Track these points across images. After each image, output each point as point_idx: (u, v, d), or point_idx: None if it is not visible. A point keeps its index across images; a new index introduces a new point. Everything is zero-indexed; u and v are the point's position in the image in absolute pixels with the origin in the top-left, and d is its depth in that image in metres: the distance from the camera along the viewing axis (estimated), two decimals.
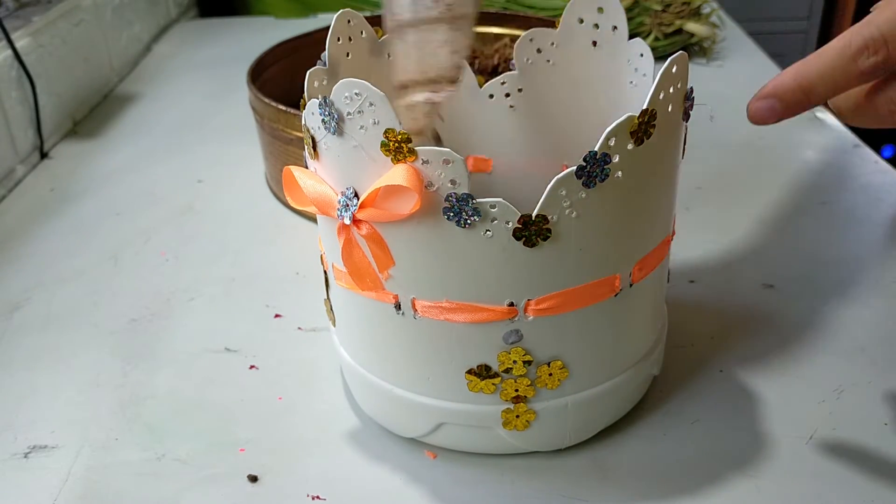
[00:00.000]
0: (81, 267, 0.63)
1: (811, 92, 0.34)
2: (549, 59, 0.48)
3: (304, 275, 0.60)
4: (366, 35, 0.45)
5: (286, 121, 0.64)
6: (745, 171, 0.72)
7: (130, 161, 0.80)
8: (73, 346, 0.54)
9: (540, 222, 0.35)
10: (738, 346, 0.50)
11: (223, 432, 0.46)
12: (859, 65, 0.32)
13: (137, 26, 1.09)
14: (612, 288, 0.38)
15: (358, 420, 0.47)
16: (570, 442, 0.43)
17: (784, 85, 0.35)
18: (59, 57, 0.86)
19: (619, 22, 0.45)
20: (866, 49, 0.32)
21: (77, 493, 0.43)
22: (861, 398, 0.46)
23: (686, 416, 0.45)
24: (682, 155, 0.41)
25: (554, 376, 0.39)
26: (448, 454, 0.44)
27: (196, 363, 0.52)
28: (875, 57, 0.32)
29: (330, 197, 0.37)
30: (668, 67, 0.35)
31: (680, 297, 0.55)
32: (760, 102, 0.35)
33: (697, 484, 0.41)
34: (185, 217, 0.69)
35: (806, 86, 0.34)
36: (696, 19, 0.95)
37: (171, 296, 0.59)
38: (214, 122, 0.88)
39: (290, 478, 0.43)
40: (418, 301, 0.38)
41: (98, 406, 0.49)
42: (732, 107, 0.83)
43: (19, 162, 0.77)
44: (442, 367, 0.40)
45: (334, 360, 0.50)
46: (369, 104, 0.34)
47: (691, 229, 0.62)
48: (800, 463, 0.42)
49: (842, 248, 0.60)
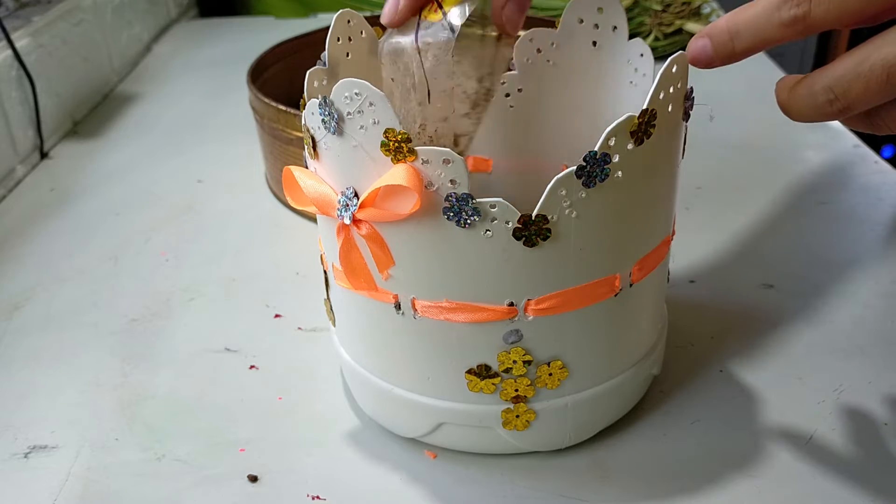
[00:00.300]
0: (81, 267, 0.63)
1: (736, 36, 0.34)
2: (549, 59, 0.48)
3: (304, 275, 0.60)
4: (366, 35, 0.45)
5: (286, 121, 0.64)
6: (745, 171, 0.72)
7: (130, 161, 0.80)
8: (73, 346, 0.54)
9: (540, 222, 0.35)
10: (738, 346, 0.50)
11: (223, 432, 0.46)
12: (781, 14, 0.32)
13: (137, 26, 1.09)
14: (612, 288, 0.38)
15: (358, 420, 0.47)
16: (570, 442, 0.43)
17: (716, 27, 0.35)
18: (59, 57, 0.86)
19: (619, 22, 0.45)
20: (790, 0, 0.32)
21: (77, 493, 0.43)
22: (861, 398, 0.46)
23: (686, 416, 0.45)
24: (682, 155, 0.41)
25: (554, 376, 0.39)
26: (448, 454, 0.44)
27: (196, 363, 0.52)
28: (796, 9, 0.32)
29: (330, 197, 0.37)
30: (668, 67, 0.35)
31: (680, 297, 0.55)
32: (695, 42, 0.35)
33: (697, 484, 0.41)
34: (185, 217, 0.69)
35: (733, 29, 0.34)
36: (696, 19, 0.95)
37: (171, 296, 0.59)
38: (214, 122, 0.88)
39: (290, 478, 0.43)
40: (418, 301, 0.38)
41: (98, 406, 0.49)
42: (732, 107, 0.83)
43: (19, 162, 0.77)
44: (442, 367, 0.40)
45: (334, 360, 0.50)
46: (369, 104, 0.34)
47: (691, 229, 0.62)
48: (800, 463, 0.42)
49: (842, 248, 0.60)
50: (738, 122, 0.80)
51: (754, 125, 0.80)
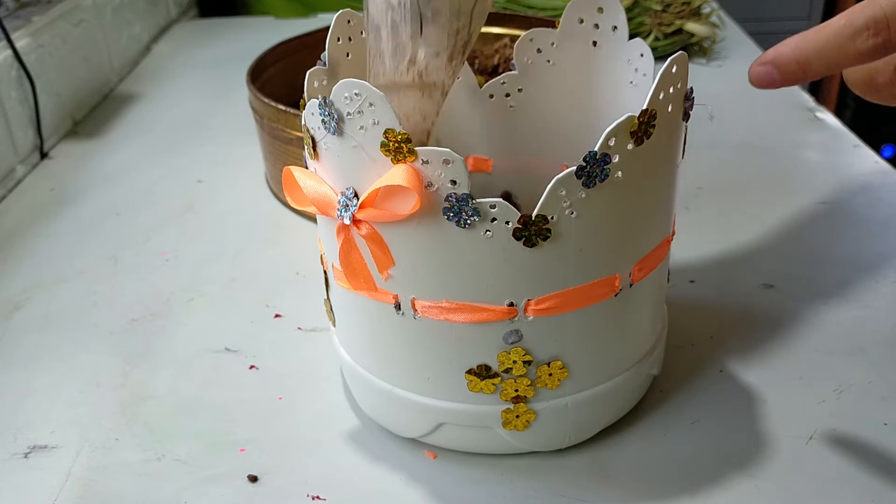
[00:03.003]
0: (81, 267, 0.63)
1: (807, 67, 0.33)
2: (549, 59, 0.48)
3: (304, 275, 0.60)
4: (366, 35, 0.45)
5: (286, 121, 0.64)
6: (745, 171, 0.72)
7: (130, 161, 0.80)
8: (73, 346, 0.54)
9: (540, 222, 0.35)
10: (738, 346, 0.50)
11: (223, 432, 0.46)
12: (858, 45, 0.32)
13: (137, 26, 1.09)
14: (612, 288, 0.38)
15: (358, 420, 0.47)
16: (570, 442, 0.43)
17: (783, 56, 0.34)
18: (59, 57, 0.86)
19: (619, 22, 0.45)
20: (867, 30, 0.31)
21: (77, 493, 0.43)
22: (861, 398, 0.46)
23: (686, 416, 0.45)
24: (682, 155, 0.41)
25: (554, 376, 0.39)
26: (448, 454, 0.44)
27: (196, 363, 0.52)
28: (875, 39, 0.31)
29: (330, 197, 0.37)
30: (667, 67, 0.35)
31: (680, 297, 0.55)
32: (760, 68, 0.35)
33: (697, 484, 0.41)
34: (185, 217, 0.69)
35: (802, 60, 0.33)
36: (696, 19, 0.95)
37: (171, 296, 0.59)
38: (214, 122, 0.88)
39: (290, 478, 0.43)
40: (418, 301, 0.38)
41: (98, 406, 0.49)
42: (732, 107, 0.83)
43: (19, 162, 0.77)
44: (442, 367, 0.40)
45: (334, 360, 0.50)
46: (369, 104, 0.34)
47: (691, 229, 0.62)
48: (800, 463, 0.42)
49: (842, 248, 0.60)
50: (738, 122, 0.80)
51: (754, 125, 0.80)
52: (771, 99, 0.85)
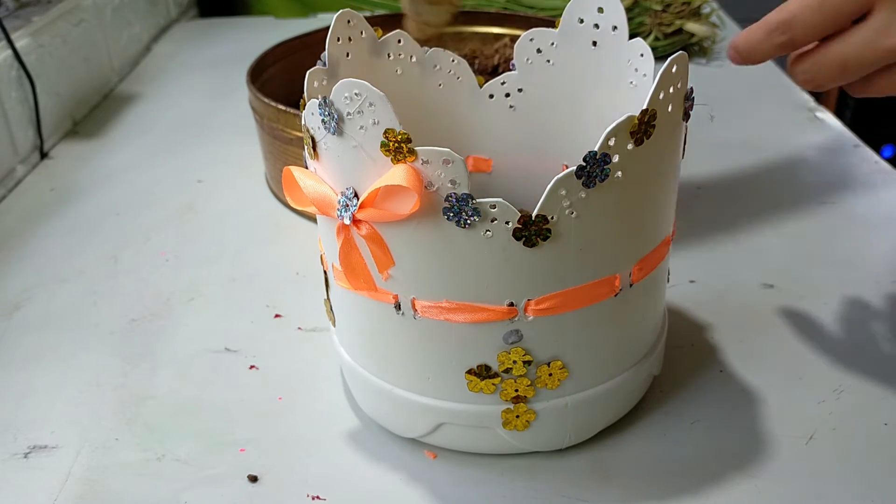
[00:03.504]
0: (81, 267, 0.63)
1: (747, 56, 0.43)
2: (549, 59, 0.48)
3: (304, 275, 0.60)
4: (366, 35, 0.45)
5: (286, 121, 0.64)
6: (745, 171, 0.72)
7: (130, 161, 0.80)
8: (73, 346, 0.54)
9: (540, 222, 0.35)
10: (738, 346, 0.50)
11: (223, 432, 0.46)
12: (773, 40, 0.41)
13: (137, 26, 1.09)
14: (612, 288, 0.38)
15: (358, 420, 0.47)
16: (570, 442, 0.43)
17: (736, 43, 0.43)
18: (59, 57, 0.86)
19: (619, 22, 0.45)
20: (777, 29, 0.41)
21: (77, 493, 0.43)
22: (861, 398, 0.46)
23: (686, 416, 0.45)
24: (682, 155, 0.41)
25: (554, 376, 0.39)
26: (448, 454, 0.44)
27: (196, 363, 0.52)
28: (782, 37, 0.41)
29: (330, 197, 0.37)
30: (668, 67, 0.35)
31: (680, 297, 0.55)
32: (729, 50, 0.44)
33: (697, 484, 0.41)
34: (185, 217, 0.69)
35: (743, 51, 0.43)
36: (696, 19, 0.95)
37: (171, 296, 0.59)
38: (214, 122, 0.88)
39: (290, 478, 0.43)
40: (418, 301, 0.38)
41: (98, 406, 0.49)
42: (732, 107, 0.83)
43: (19, 162, 0.77)
44: (442, 367, 0.40)
45: (334, 360, 0.50)
46: (369, 104, 0.34)
47: (691, 229, 0.62)
48: (800, 463, 0.42)
49: (842, 248, 0.60)
50: (738, 122, 0.80)
51: (754, 125, 0.80)
52: (771, 99, 0.85)
